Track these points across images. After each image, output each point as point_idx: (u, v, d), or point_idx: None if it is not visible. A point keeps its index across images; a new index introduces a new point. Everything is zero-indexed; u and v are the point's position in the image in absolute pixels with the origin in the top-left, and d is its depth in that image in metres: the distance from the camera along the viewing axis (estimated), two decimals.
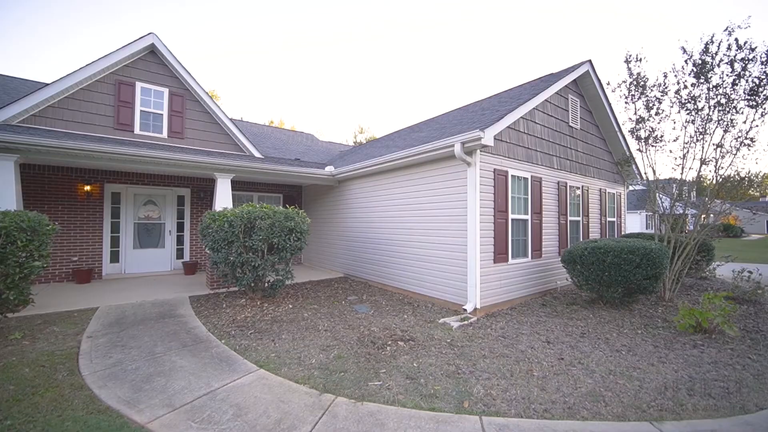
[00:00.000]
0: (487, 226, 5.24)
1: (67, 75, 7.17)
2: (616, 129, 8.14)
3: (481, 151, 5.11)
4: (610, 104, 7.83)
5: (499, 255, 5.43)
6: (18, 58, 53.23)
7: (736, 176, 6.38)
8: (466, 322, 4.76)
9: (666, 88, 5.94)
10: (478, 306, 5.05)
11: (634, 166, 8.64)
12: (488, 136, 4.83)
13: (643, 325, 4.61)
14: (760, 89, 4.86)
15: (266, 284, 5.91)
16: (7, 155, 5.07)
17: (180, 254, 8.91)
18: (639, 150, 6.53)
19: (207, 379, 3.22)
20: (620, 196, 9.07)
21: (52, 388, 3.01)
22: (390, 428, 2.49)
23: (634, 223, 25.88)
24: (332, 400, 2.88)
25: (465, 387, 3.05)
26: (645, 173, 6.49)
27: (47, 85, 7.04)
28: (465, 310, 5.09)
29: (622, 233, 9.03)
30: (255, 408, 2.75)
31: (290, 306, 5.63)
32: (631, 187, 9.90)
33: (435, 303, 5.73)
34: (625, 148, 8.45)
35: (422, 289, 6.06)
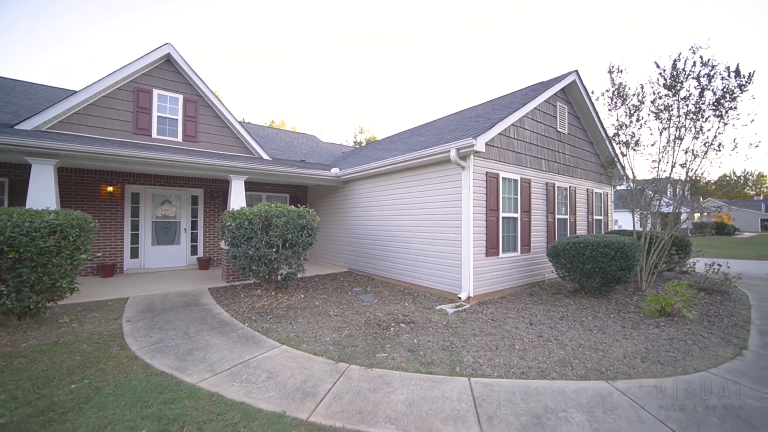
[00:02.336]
0: (479, 223, 5.82)
1: (92, 84, 7.72)
2: (603, 133, 8.72)
3: (474, 155, 5.69)
4: (596, 111, 8.41)
5: (491, 249, 6.02)
6: (16, 59, 53.47)
7: (732, 175, 6.91)
8: (460, 309, 5.35)
9: (643, 97, 6.52)
10: (471, 295, 5.64)
11: (619, 168, 9.22)
12: (480, 143, 5.41)
13: (617, 311, 5.22)
14: (723, 101, 5.45)
15: (279, 277, 6.49)
16: (48, 160, 5.63)
17: (194, 251, 9.48)
18: (621, 153, 7.12)
19: (238, 352, 3.81)
20: (607, 195, 9.66)
21: (111, 358, 3.59)
22: (395, 386, 3.07)
23: (629, 221, 26.47)
24: (346, 367, 3.46)
25: (457, 357, 3.64)
26: (626, 175, 7.07)
27: (74, 92, 7.59)
28: (459, 298, 5.68)
29: (609, 230, 9.63)
30: (283, 373, 3.33)
31: (302, 296, 6.21)
32: (619, 187, 10.48)
33: (433, 293, 6.32)
34: (611, 150, 9.02)
35: (421, 281, 6.65)
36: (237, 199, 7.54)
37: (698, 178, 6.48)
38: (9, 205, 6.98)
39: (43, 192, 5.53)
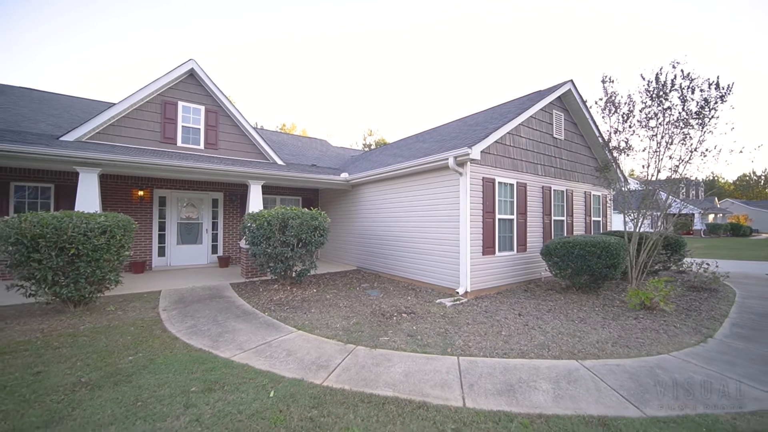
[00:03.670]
0: (476, 224, 6.34)
1: (126, 98, 8.55)
2: (600, 139, 9.09)
3: (470, 163, 6.22)
4: (592, 117, 8.82)
5: (487, 248, 6.52)
6: (16, 59, 54.38)
7: (753, 175, 7.18)
8: (457, 302, 5.89)
9: (633, 106, 6.93)
10: (469, 290, 6.16)
11: (617, 171, 9.57)
12: (475, 152, 5.94)
13: (602, 305, 5.67)
14: (704, 111, 5.84)
15: (294, 273, 7.12)
16: (93, 169, 6.40)
17: (215, 249, 10.23)
18: (614, 158, 7.53)
19: (261, 335, 4.43)
20: (605, 197, 10.02)
21: (156, 338, 4.26)
22: (395, 362, 3.64)
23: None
24: (354, 347, 4.05)
25: (450, 341, 4.19)
26: (619, 178, 7.47)
27: (111, 105, 8.44)
28: (458, 293, 6.21)
29: (607, 230, 9.97)
30: (300, 351, 3.93)
31: (314, 291, 6.84)
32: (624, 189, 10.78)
33: (434, 288, 6.86)
34: (607, 154, 9.38)
35: (423, 277, 7.20)
36: (255, 202, 8.23)
37: (716, 178, 6.80)
38: (55, 208, 7.84)
39: (88, 196, 6.29)
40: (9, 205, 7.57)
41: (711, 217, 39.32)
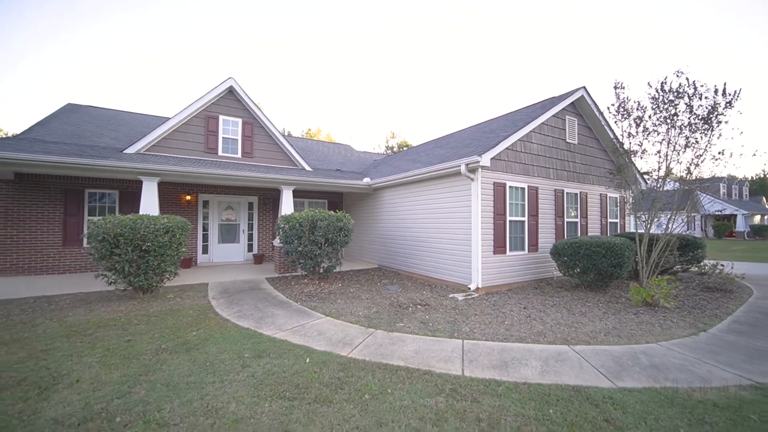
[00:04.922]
0: (487, 226, 6.85)
1: (177, 114, 9.75)
2: (614, 141, 9.27)
3: (482, 169, 6.74)
4: (606, 121, 9.03)
5: (498, 248, 7.01)
6: (17, 58, 55.98)
7: None
8: (469, 297, 6.43)
9: (644, 111, 7.17)
10: (480, 286, 6.69)
11: (635, 172, 9.67)
12: (485, 160, 6.47)
13: (606, 302, 6.02)
14: (710, 116, 6.06)
15: (321, 269, 7.93)
16: (153, 178, 7.51)
17: (250, 248, 11.30)
18: (630, 160, 7.77)
19: (296, 319, 5.21)
20: (622, 199, 10.12)
21: (210, 320, 5.14)
22: (407, 342, 4.29)
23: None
24: (373, 331, 4.73)
25: (457, 327, 4.78)
26: (636, 179, 7.69)
27: (166, 120, 9.70)
28: (469, 288, 6.75)
29: (625, 232, 10.07)
30: (328, 332, 4.67)
31: (340, 285, 7.60)
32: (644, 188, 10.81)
33: (448, 285, 7.43)
34: (622, 158, 9.52)
35: (439, 275, 7.77)
36: (286, 205, 9.14)
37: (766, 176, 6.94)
38: (119, 211, 9.11)
39: (150, 201, 7.40)
40: (84, 209, 8.91)
41: (757, 218, 36.78)
